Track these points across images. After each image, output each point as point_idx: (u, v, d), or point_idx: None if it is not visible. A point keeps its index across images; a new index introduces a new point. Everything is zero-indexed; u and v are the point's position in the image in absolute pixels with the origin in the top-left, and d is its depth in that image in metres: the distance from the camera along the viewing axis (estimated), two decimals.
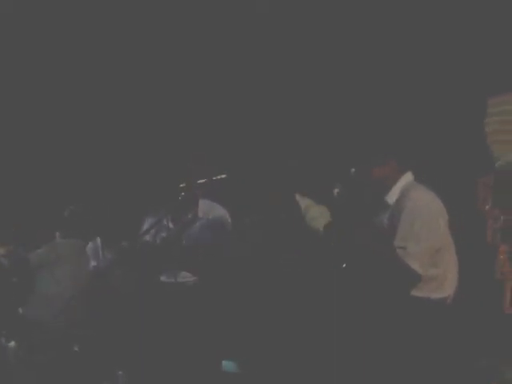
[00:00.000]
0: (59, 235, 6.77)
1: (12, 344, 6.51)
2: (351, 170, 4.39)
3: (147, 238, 5.36)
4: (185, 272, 5.22)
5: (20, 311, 6.70)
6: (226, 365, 5.17)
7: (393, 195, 4.26)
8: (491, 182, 5.14)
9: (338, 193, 4.41)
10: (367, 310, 4.08)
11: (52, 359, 6.22)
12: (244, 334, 4.94)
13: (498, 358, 4.58)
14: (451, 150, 5.61)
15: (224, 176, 5.13)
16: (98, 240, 6.64)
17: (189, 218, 5.34)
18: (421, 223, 4.07)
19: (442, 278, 4.16)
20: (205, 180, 5.19)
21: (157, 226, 5.27)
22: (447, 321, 4.15)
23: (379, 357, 4.01)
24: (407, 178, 4.31)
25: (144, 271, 5.25)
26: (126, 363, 5.41)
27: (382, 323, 4.04)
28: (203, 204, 5.42)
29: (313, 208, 4.22)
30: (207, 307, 5.02)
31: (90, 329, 6.15)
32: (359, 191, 4.36)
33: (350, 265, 4.25)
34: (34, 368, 6.29)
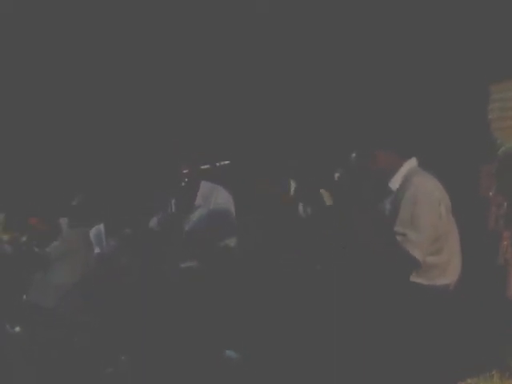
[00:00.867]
0: (67, 224, 6.80)
1: (17, 329, 6.54)
2: (352, 155, 4.39)
3: (151, 225, 5.35)
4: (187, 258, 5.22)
5: (24, 297, 6.73)
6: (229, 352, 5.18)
7: (396, 181, 4.26)
8: (494, 169, 5.13)
9: (339, 177, 4.41)
10: (369, 298, 4.09)
11: (55, 345, 6.24)
12: (245, 324, 4.94)
13: (501, 345, 4.59)
14: (454, 137, 5.60)
15: (227, 162, 5.12)
16: (101, 226, 6.64)
17: (189, 203, 5.30)
18: (421, 210, 4.07)
19: (444, 264, 4.16)
20: (208, 166, 5.19)
21: (161, 213, 5.26)
22: (450, 307, 4.15)
23: (383, 345, 4.01)
24: (411, 163, 4.31)
25: (147, 258, 5.26)
26: (129, 349, 5.43)
27: (384, 310, 4.05)
28: (204, 187, 5.34)
29: None
30: (209, 294, 5.02)
31: (93, 315, 6.16)
32: (362, 177, 4.36)
33: (350, 250, 4.26)
34: (37, 353, 6.32)
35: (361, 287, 4.12)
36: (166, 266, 5.25)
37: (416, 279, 4.11)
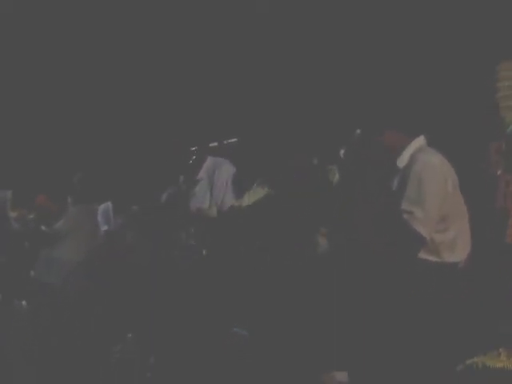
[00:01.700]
0: (71, 201, 6.81)
1: (24, 303, 6.57)
2: (356, 132, 4.37)
3: (159, 202, 5.36)
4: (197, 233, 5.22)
5: (32, 274, 6.76)
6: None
7: (403, 159, 4.24)
8: (503, 147, 5.13)
9: (344, 154, 4.40)
10: (375, 276, 4.09)
11: (60, 322, 6.27)
12: (248, 302, 4.95)
13: (508, 323, 4.59)
14: (463, 115, 5.59)
15: (235, 140, 5.12)
16: (109, 204, 6.65)
17: (193, 179, 5.30)
18: (427, 187, 4.05)
19: (453, 242, 4.15)
20: (216, 143, 5.19)
21: (170, 190, 5.27)
22: (459, 285, 4.16)
23: (390, 322, 4.02)
24: (419, 141, 4.29)
25: (154, 236, 5.27)
26: (136, 326, 5.44)
27: (392, 287, 4.05)
28: (208, 162, 5.35)
29: None
30: (212, 273, 5.03)
31: (100, 292, 6.18)
32: (369, 155, 4.35)
33: (356, 227, 4.25)
34: (42, 330, 6.35)
35: (366, 267, 4.12)
36: (172, 244, 5.25)
37: (425, 256, 4.11)
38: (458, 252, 4.18)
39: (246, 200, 5.13)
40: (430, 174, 4.07)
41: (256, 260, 4.83)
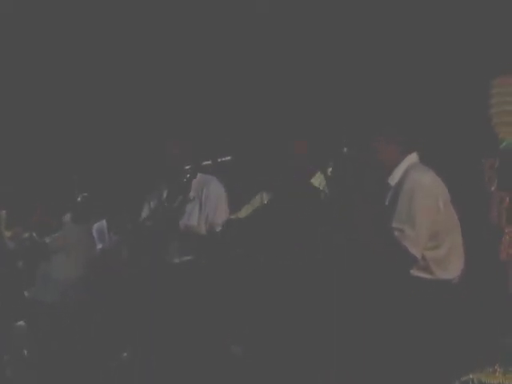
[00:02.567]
0: (70, 219, 6.81)
1: (21, 323, 6.57)
2: (349, 148, 4.36)
3: (145, 219, 5.34)
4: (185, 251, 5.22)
5: (26, 294, 6.75)
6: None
7: (395, 177, 4.23)
8: (497, 164, 5.13)
9: (332, 172, 4.39)
10: (370, 293, 4.08)
11: (58, 339, 6.27)
12: (245, 317, 4.94)
13: (503, 340, 4.59)
14: (457, 132, 5.59)
15: (229, 158, 5.11)
16: (103, 222, 6.67)
17: (183, 197, 5.28)
18: (418, 205, 4.04)
19: (445, 259, 4.14)
20: (210, 162, 5.18)
21: (154, 207, 5.26)
22: (453, 302, 4.15)
23: (385, 339, 4.01)
24: (411, 159, 4.28)
25: (148, 253, 5.26)
26: (131, 344, 5.44)
27: (386, 306, 4.04)
28: (197, 179, 5.28)
29: None
30: (208, 287, 5.02)
31: (95, 310, 6.19)
32: (361, 171, 4.34)
33: (349, 244, 4.25)
34: (40, 348, 6.35)
35: (361, 282, 4.12)
36: (165, 260, 5.24)
37: (417, 274, 4.10)
38: (451, 269, 4.16)
39: (244, 212, 5.13)
40: (420, 193, 4.06)
41: (256, 268, 4.83)
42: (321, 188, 4.57)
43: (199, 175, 5.25)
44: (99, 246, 6.61)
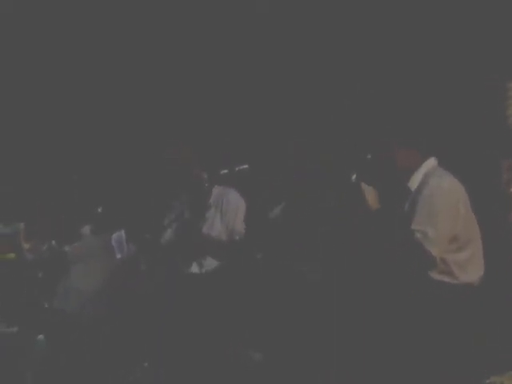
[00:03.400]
0: (90, 230, 6.84)
1: (41, 337, 6.57)
2: (367, 156, 4.38)
3: (168, 232, 5.40)
4: (209, 260, 5.24)
5: (46, 305, 6.76)
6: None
7: (414, 182, 4.24)
8: None
9: (356, 179, 4.40)
10: (387, 296, 4.08)
11: (77, 351, 6.27)
12: (261, 325, 4.94)
13: None
14: (475, 133, 5.58)
15: (246, 166, 5.13)
16: (122, 232, 6.68)
17: (202, 208, 5.33)
18: (439, 209, 4.06)
19: (466, 262, 4.15)
20: (227, 170, 5.21)
21: (175, 218, 5.30)
22: (474, 305, 4.14)
23: (406, 341, 4.00)
24: (430, 163, 4.29)
25: (169, 263, 5.29)
26: (151, 355, 5.44)
27: (406, 308, 4.04)
28: (215, 191, 5.38)
29: None
30: (226, 297, 5.03)
31: (115, 321, 6.20)
32: (381, 178, 4.35)
33: (368, 248, 4.25)
34: (61, 359, 6.36)
35: (381, 286, 4.12)
36: (184, 271, 5.26)
37: (439, 277, 4.09)
38: (472, 272, 4.17)
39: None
40: (440, 197, 4.08)
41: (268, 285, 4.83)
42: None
43: (217, 187, 5.32)
44: (118, 256, 6.62)
